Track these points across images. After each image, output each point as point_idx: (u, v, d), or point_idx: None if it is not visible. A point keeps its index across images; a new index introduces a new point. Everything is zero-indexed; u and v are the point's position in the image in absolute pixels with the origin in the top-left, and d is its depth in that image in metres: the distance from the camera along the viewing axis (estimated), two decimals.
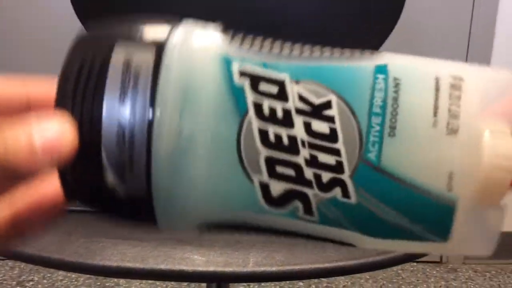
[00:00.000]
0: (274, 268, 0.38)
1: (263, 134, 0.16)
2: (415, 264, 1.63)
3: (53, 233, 0.41)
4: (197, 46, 0.17)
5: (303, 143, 0.16)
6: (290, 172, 0.17)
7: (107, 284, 1.17)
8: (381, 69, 0.17)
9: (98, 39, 0.17)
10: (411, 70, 0.17)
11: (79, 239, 0.40)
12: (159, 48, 0.16)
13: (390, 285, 1.46)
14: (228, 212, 0.18)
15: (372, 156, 0.16)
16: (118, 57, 0.16)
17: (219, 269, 0.37)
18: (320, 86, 0.17)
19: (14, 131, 0.16)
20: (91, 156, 0.16)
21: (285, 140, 0.16)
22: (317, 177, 0.16)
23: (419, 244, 0.17)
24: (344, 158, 0.16)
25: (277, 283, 1.43)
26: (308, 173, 0.16)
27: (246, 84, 0.16)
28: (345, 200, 0.16)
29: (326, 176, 0.16)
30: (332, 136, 0.16)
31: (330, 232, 0.17)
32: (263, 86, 0.17)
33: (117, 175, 0.16)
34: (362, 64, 0.17)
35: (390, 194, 0.16)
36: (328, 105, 0.16)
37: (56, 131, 0.16)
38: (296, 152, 0.16)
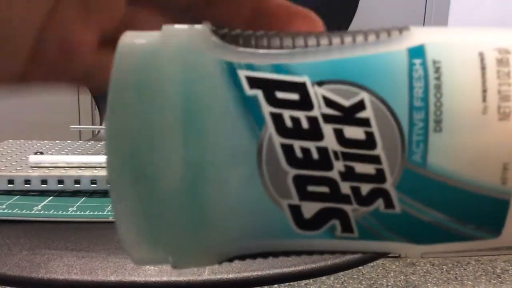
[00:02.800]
0: (230, 276, 0.36)
1: (288, 150, 0.14)
2: None
3: None
4: (188, 54, 0.14)
5: (335, 154, 0.14)
6: (324, 189, 0.14)
7: None
8: (417, 52, 0.14)
9: None
10: (450, 47, 0.15)
11: (21, 251, 0.37)
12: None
13: (351, 281, 1.48)
14: (254, 243, 0.15)
15: (417, 158, 0.14)
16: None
17: (173, 278, 0.36)
18: (348, 84, 0.14)
19: None
20: None
21: (315, 154, 0.14)
22: (356, 191, 0.14)
23: (468, 243, 0.15)
24: (385, 165, 0.14)
25: None
26: (345, 187, 0.14)
27: (259, 94, 0.14)
28: (388, 211, 0.15)
29: (365, 188, 0.14)
30: (369, 141, 0.14)
31: (371, 246, 0.16)
32: (281, 94, 0.14)
33: None
34: (393, 48, 0.15)
35: (439, 196, 0.14)
36: (360, 105, 0.14)
37: None
38: (328, 166, 0.14)
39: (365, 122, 0.14)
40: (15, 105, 1.57)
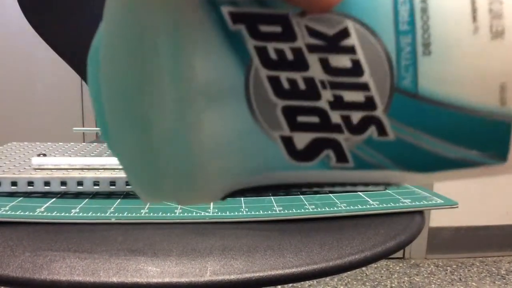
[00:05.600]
0: (232, 277, 0.36)
1: (275, 82, 0.14)
2: None
3: None
4: None
5: (323, 84, 0.14)
6: (314, 119, 0.14)
7: None
8: None
9: None
10: None
11: (24, 252, 0.37)
12: None
13: (355, 282, 1.47)
14: (252, 177, 0.15)
15: (407, 82, 0.14)
16: None
17: (175, 279, 0.36)
18: (331, 12, 0.14)
19: None
20: None
21: (302, 85, 0.14)
22: (346, 119, 0.14)
23: (473, 170, 0.15)
24: (374, 92, 0.14)
25: None
26: (335, 116, 0.14)
27: (243, 28, 0.14)
28: (382, 138, 0.14)
29: (356, 116, 0.14)
30: (356, 69, 0.14)
31: (368, 175, 0.15)
32: (264, 27, 0.14)
33: None
34: None
35: (435, 122, 0.14)
36: (345, 33, 0.14)
37: None
38: (316, 96, 0.14)
39: (350, 50, 0.14)
40: (18, 108, 1.58)
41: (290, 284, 1.31)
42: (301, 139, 0.15)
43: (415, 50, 0.14)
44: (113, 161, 0.51)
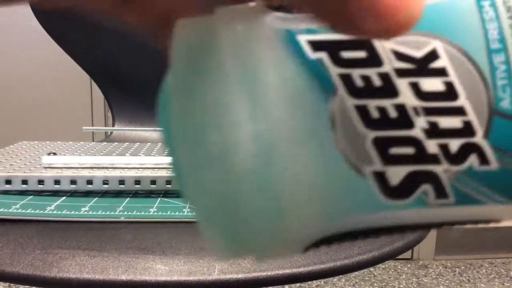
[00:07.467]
0: (240, 275, 0.37)
1: (363, 111, 0.13)
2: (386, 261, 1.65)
3: (5, 244, 0.39)
4: (245, 29, 0.13)
5: (415, 110, 0.13)
6: (409, 150, 0.13)
7: None
8: None
9: None
10: None
11: (35, 250, 0.38)
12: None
13: (362, 283, 1.47)
14: (338, 222, 0.14)
15: (506, 104, 0.13)
16: None
17: (183, 278, 0.36)
18: (416, 34, 0.13)
19: None
20: None
21: (393, 113, 0.13)
22: (444, 148, 0.13)
23: None
24: (472, 116, 0.13)
25: None
26: (431, 146, 0.13)
27: (324, 56, 0.13)
28: (484, 168, 0.13)
29: (454, 144, 0.13)
30: (450, 92, 0.13)
31: (471, 212, 0.14)
32: (347, 53, 0.13)
33: None
34: None
35: None
36: (434, 54, 0.13)
37: None
38: (409, 124, 0.13)
39: (441, 72, 0.13)
40: (29, 107, 1.59)
41: (298, 284, 1.31)
42: (395, 174, 0.13)
43: (510, 68, 0.13)
44: (122, 160, 0.52)
